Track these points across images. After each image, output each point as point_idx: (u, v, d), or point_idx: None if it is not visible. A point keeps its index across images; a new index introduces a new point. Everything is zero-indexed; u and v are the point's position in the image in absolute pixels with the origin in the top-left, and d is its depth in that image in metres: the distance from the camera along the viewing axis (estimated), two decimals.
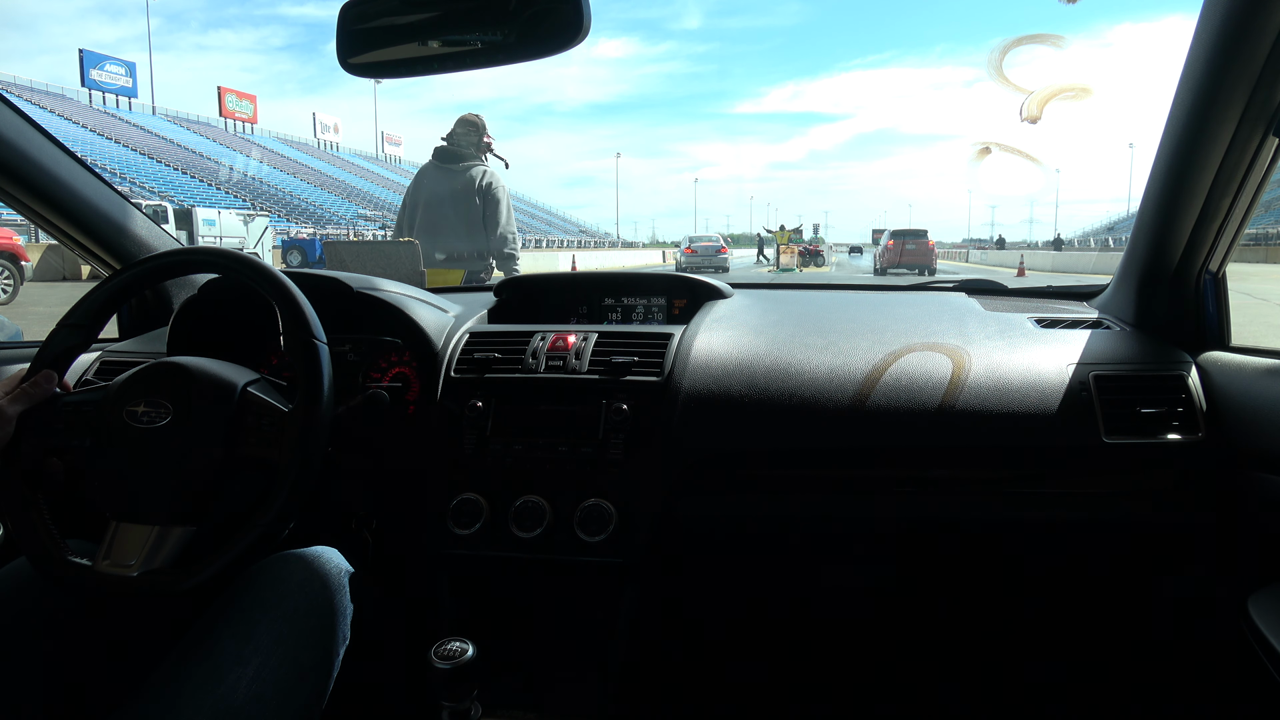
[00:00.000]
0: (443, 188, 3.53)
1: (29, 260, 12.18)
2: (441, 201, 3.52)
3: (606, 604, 1.11)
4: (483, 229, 3.53)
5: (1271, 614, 0.95)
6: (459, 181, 3.51)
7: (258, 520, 0.84)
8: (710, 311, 1.30)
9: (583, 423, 1.12)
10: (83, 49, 42.57)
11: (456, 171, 3.52)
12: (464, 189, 3.51)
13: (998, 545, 1.23)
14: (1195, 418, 1.07)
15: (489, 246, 3.50)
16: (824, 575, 1.31)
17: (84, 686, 0.90)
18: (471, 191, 3.51)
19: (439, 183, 3.55)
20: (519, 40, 0.92)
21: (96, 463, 0.89)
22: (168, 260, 1.00)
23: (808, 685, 1.40)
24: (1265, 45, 0.86)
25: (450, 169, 3.53)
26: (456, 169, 3.52)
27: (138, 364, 0.94)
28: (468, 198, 3.51)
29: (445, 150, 3.54)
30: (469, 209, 3.51)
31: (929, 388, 1.10)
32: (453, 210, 3.51)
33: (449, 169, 3.53)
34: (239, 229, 20.54)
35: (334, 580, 0.96)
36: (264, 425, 0.89)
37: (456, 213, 3.51)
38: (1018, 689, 1.39)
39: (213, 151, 41.06)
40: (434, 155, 3.57)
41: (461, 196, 3.51)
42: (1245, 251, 22.91)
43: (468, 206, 3.51)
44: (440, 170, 3.55)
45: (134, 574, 0.82)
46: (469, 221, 3.50)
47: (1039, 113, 1.33)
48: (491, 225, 3.49)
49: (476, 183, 3.50)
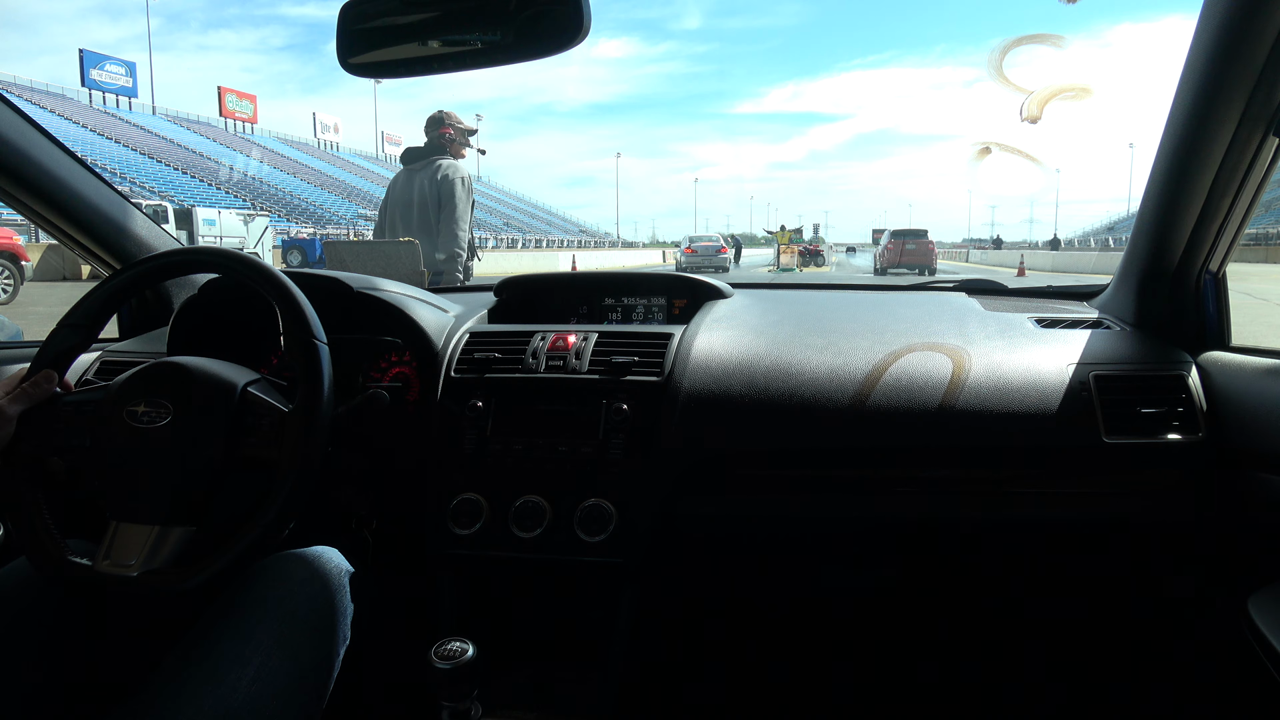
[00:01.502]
0: (407, 190, 3.45)
1: (29, 260, 12.18)
2: (407, 204, 3.43)
3: (606, 604, 1.11)
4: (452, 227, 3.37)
5: (1271, 614, 0.95)
6: (418, 181, 3.43)
7: (258, 520, 0.84)
8: (710, 311, 1.30)
9: (583, 423, 1.12)
10: (83, 49, 42.58)
11: (415, 170, 3.44)
12: (421, 189, 3.41)
13: (998, 545, 1.23)
14: (1195, 417, 1.07)
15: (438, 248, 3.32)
16: (824, 575, 1.31)
17: (84, 686, 0.90)
18: (427, 191, 3.40)
19: (404, 185, 3.47)
20: (519, 40, 0.92)
21: (96, 463, 0.89)
22: (168, 260, 1.00)
23: (808, 685, 1.40)
24: (1265, 45, 0.86)
25: (411, 170, 3.45)
26: (416, 168, 3.43)
27: (138, 364, 0.94)
28: (425, 198, 3.40)
29: (408, 151, 3.46)
30: (425, 210, 3.40)
31: (929, 388, 1.10)
32: (416, 213, 3.40)
33: (410, 170, 3.45)
34: (239, 229, 20.55)
35: (334, 580, 0.96)
36: (264, 425, 0.89)
37: (419, 215, 3.40)
38: (1018, 689, 1.39)
39: (213, 151, 41.07)
40: (400, 157, 3.50)
41: (420, 197, 3.41)
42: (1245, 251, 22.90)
43: (424, 207, 3.40)
44: (405, 173, 3.48)
45: (134, 574, 0.82)
46: (429, 224, 3.38)
47: (1039, 113, 1.33)
48: (442, 223, 3.31)
49: (434, 180, 3.38)
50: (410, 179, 3.46)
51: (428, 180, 3.40)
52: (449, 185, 3.36)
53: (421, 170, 3.43)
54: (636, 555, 1.07)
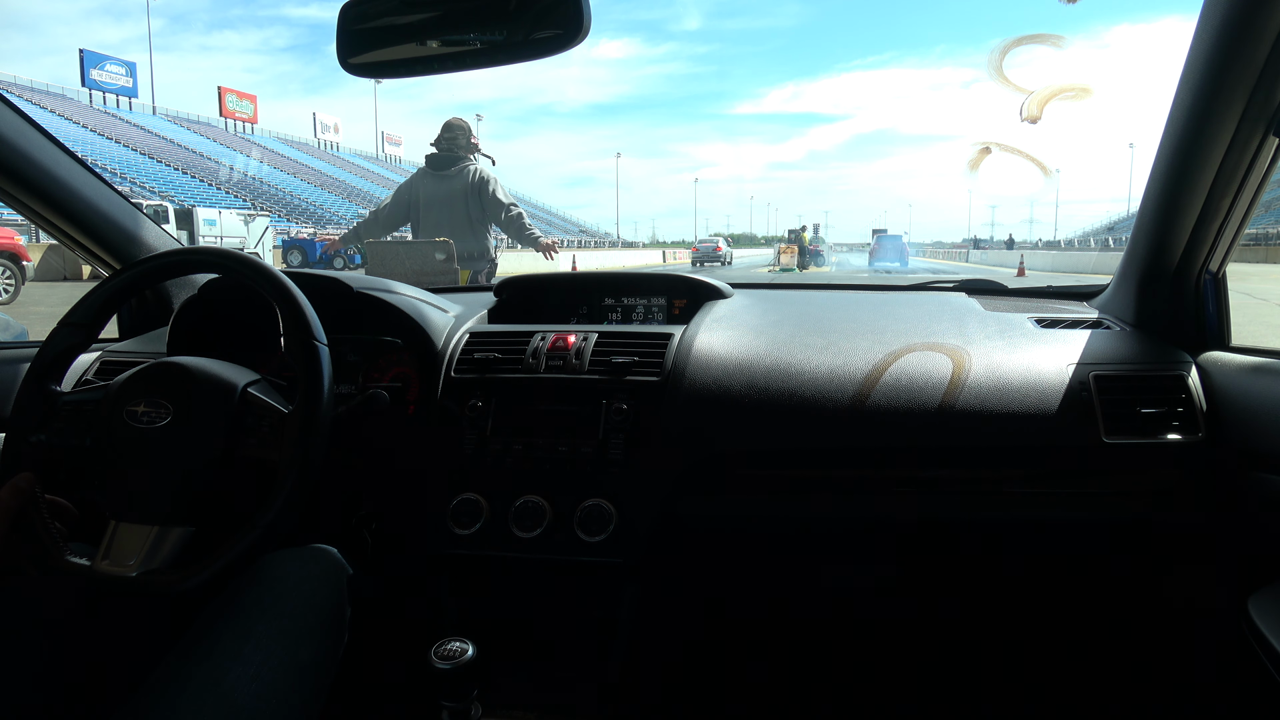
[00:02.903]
0: (438, 192, 3.72)
1: (30, 260, 12.18)
2: (439, 205, 3.70)
3: (606, 604, 1.11)
4: (482, 228, 3.74)
5: (1271, 614, 0.95)
6: (454, 185, 3.70)
7: (257, 521, 0.84)
8: (710, 311, 1.30)
9: (583, 423, 1.12)
10: (83, 49, 42.60)
11: (450, 176, 3.71)
12: (459, 191, 3.70)
13: (998, 545, 1.23)
14: (1195, 418, 1.07)
15: (504, 226, 3.75)
16: (824, 575, 1.31)
17: (84, 686, 0.90)
18: (467, 193, 3.70)
19: (434, 188, 3.74)
20: (519, 40, 0.92)
21: (96, 462, 0.89)
22: (168, 260, 1.00)
23: (808, 685, 1.40)
24: (1265, 45, 0.86)
25: (444, 174, 3.72)
26: (450, 174, 3.71)
27: (138, 364, 0.94)
28: (464, 199, 3.70)
29: (437, 157, 3.73)
30: (466, 210, 3.70)
31: (929, 388, 1.10)
32: (451, 213, 3.70)
33: (442, 174, 3.72)
34: (239, 229, 20.54)
35: (334, 580, 0.95)
36: (264, 426, 0.89)
37: (455, 215, 3.70)
38: (1018, 688, 1.39)
39: (213, 151, 41.07)
40: (427, 163, 3.76)
41: (458, 199, 3.70)
42: (1245, 251, 22.93)
43: (465, 208, 3.70)
44: (434, 176, 3.74)
45: (133, 574, 0.82)
46: (468, 222, 3.69)
47: (1039, 113, 1.33)
48: (497, 209, 3.73)
49: (470, 183, 3.70)
50: (439, 180, 3.73)
51: (462, 183, 3.71)
52: (489, 181, 3.73)
53: (455, 175, 3.72)
54: (636, 555, 1.07)
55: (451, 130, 3.70)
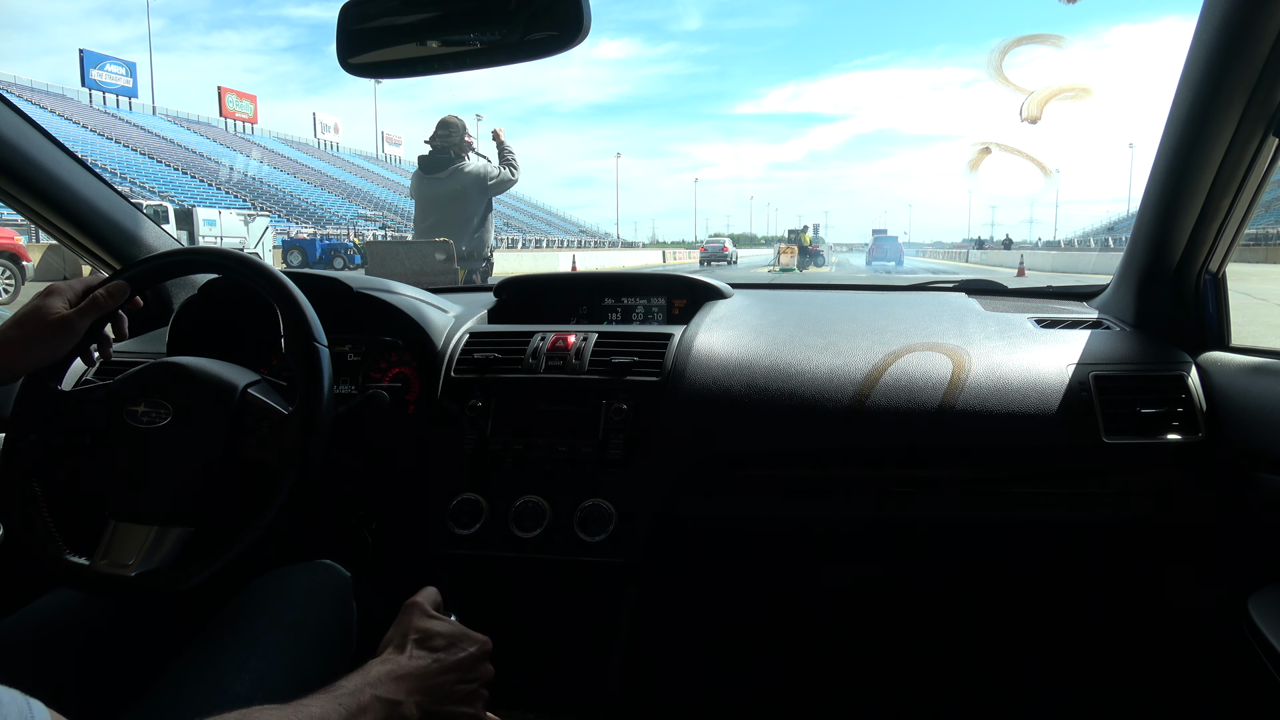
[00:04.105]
0: (433, 193, 3.74)
1: (30, 260, 12.17)
2: (435, 206, 3.72)
3: (606, 604, 1.11)
4: (479, 227, 3.74)
5: (1271, 614, 0.95)
6: (449, 185, 3.71)
7: (257, 522, 0.84)
8: (710, 311, 1.30)
9: (583, 423, 1.12)
10: (83, 49, 42.56)
11: (443, 178, 3.71)
12: (456, 191, 3.70)
13: (998, 545, 1.23)
14: (1195, 418, 1.07)
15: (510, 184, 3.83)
16: (824, 575, 1.31)
17: (84, 690, 0.90)
18: (463, 192, 3.70)
19: (429, 190, 3.75)
20: (519, 40, 0.92)
21: (96, 462, 0.89)
22: (168, 260, 1.00)
23: (808, 685, 1.40)
24: (1265, 45, 0.86)
25: (437, 176, 3.72)
26: (443, 175, 3.71)
27: (138, 364, 0.93)
28: (460, 199, 3.70)
29: (428, 159, 3.73)
30: (463, 209, 3.70)
31: (929, 388, 1.10)
32: (446, 213, 3.71)
33: (435, 176, 3.72)
34: (239, 229, 20.54)
35: (336, 592, 0.95)
36: (264, 427, 0.89)
37: (450, 215, 3.71)
38: (1018, 688, 1.39)
39: (213, 151, 41.06)
40: (419, 164, 3.76)
41: (454, 199, 3.70)
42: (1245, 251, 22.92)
43: (462, 207, 3.70)
44: (428, 178, 3.74)
45: (132, 574, 0.82)
46: (464, 221, 3.70)
47: (1039, 113, 1.33)
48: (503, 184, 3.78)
49: (465, 181, 3.70)
50: (433, 182, 3.74)
51: (457, 182, 3.72)
52: (486, 174, 3.74)
53: (449, 176, 3.72)
54: (636, 555, 1.07)
55: (447, 128, 3.71)
